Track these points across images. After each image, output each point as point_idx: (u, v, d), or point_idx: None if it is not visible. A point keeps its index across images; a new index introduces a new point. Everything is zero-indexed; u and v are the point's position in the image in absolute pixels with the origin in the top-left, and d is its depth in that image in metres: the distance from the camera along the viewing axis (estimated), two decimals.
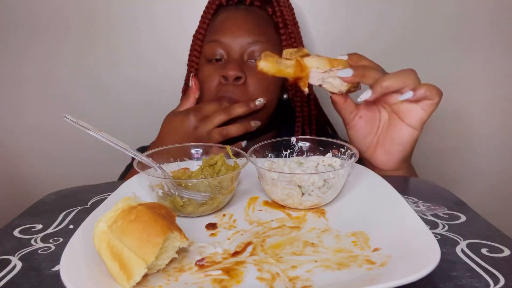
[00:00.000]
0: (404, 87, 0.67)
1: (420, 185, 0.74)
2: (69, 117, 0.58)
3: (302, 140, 0.70)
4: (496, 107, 1.26)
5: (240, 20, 0.94)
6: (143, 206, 0.45)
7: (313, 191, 0.58)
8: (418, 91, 0.66)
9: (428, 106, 0.69)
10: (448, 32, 1.20)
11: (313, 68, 0.67)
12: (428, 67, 1.22)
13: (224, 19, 0.96)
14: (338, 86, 0.70)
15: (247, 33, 0.92)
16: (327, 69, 0.67)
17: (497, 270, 0.44)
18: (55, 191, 0.70)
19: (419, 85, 0.67)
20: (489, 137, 1.28)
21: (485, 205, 0.84)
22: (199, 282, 0.43)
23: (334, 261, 0.46)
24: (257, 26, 0.94)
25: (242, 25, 0.93)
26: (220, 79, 0.90)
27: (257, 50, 0.91)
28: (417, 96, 0.67)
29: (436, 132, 1.27)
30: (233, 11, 0.97)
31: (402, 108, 0.71)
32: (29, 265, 0.47)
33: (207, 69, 0.94)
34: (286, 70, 0.67)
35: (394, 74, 0.68)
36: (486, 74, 1.24)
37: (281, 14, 0.97)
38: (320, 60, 0.67)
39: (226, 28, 0.93)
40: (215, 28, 0.96)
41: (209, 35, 0.96)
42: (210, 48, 0.94)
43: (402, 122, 0.72)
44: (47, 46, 1.22)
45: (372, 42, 1.21)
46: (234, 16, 0.95)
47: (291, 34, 0.98)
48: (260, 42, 0.92)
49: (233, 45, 0.92)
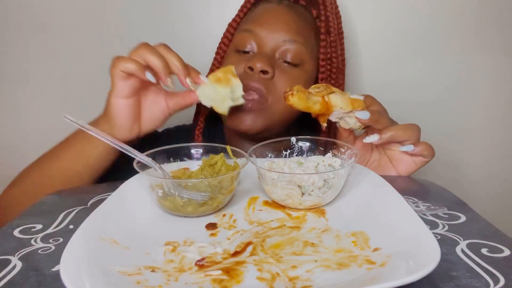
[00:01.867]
0: (407, 140, 0.72)
1: (420, 185, 0.74)
2: (69, 117, 0.58)
3: (302, 140, 0.70)
4: (496, 107, 1.26)
5: (280, 14, 0.87)
6: None
7: (313, 191, 0.59)
8: (418, 148, 0.72)
9: (420, 162, 0.75)
10: (449, 32, 1.21)
11: (337, 108, 0.71)
12: (428, 67, 1.23)
13: (263, 10, 0.90)
14: (352, 124, 0.74)
15: (285, 30, 0.85)
16: (349, 110, 0.71)
17: (497, 270, 0.44)
18: (55, 191, 0.70)
19: (420, 142, 0.73)
20: (489, 137, 1.28)
21: (485, 205, 0.84)
22: (199, 282, 0.43)
23: (334, 261, 0.46)
24: (297, 25, 0.87)
25: (281, 20, 0.86)
26: (245, 69, 0.83)
27: (291, 50, 0.85)
28: (415, 151, 0.72)
29: (436, 132, 1.27)
30: (275, 4, 0.90)
31: (396, 156, 0.76)
32: (29, 265, 0.47)
33: (233, 58, 0.87)
34: (314, 106, 0.70)
35: (402, 127, 0.72)
36: (487, 74, 1.24)
37: (325, 19, 0.90)
38: (343, 100, 0.70)
39: (264, 20, 0.87)
40: (251, 18, 0.90)
41: (244, 24, 0.90)
42: (241, 37, 0.87)
43: (392, 168, 0.77)
44: (47, 45, 1.21)
45: (372, 41, 1.21)
46: (274, 9, 0.88)
47: (332, 43, 0.91)
48: (297, 42, 0.85)
49: (267, 39, 0.85)
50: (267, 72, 0.82)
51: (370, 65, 1.23)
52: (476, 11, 1.18)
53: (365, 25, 1.20)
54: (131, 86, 0.72)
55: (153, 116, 0.78)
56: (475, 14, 1.19)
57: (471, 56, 1.22)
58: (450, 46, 1.21)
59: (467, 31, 1.20)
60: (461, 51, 1.22)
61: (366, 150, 0.80)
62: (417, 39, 1.21)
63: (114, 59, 0.70)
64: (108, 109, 0.74)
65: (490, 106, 1.26)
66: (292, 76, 0.86)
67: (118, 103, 0.73)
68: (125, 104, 0.73)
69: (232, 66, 0.78)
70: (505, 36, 1.20)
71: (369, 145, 0.80)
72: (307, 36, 0.88)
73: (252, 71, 0.83)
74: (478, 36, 1.20)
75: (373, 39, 1.21)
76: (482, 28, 1.20)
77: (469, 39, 1.21)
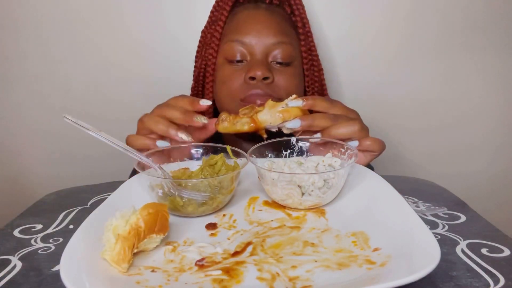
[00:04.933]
0: (351, 138, 0.71)
1: (420, 185, 0.74)
2: (69, 117, 0.58)
3: (302, 140, 0.70)
4: (496, 107, 1.26)
5: (264, 19, 0.90)
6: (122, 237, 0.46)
7: (313, 191, 0.58)
8: (364, 143, 0.71)
9: (370, 155, 0.73)
10: (449, 32, 1.21)
11: (267, 124, 0.72)
12: (428, 67, 1.23)
13: (246, 18, 0.92)
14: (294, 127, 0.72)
15: (272, 34, 0.88)
16: (279, 123, 0.72)
17: (497, 270, 0.44)
18: (55, 191, 0.70)
19: (366, 138, 0.71)
20: (489, 137, 1.28)
21: (485, 205, 0.84)
22: (199, 282, 0.43)
23: (334, 261, 0.46)
24: (280, 26, 0.91)
25: (266, 25, 0.89)
26: (246, 80, 0.86)
27: (281, 52, 0.88)
28: (362, 147, 0.71)
29: (436, 132, 1.27)
30: (253, 9, 0.93)
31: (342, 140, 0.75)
32: (29, 265, 0.47)
33: (228, 69, 0.90)
34: (243, 128, 0.72)
35: (342, 125, 0.71)
36: (486, 74, 1.24)
37: (299, 13, 0.95)
38: (272, 115, 0.72)
39: (250, 27, 0.89)
40: (236, 27, 0.91)
41: (230, 34, 0.91)
42: (231, 48, 0.89)
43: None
44: (47, 45, 1.21)
45: (372, 42, 1.21)
46: (256, 15, 0.91)
47: (308, 33, 0.96)
48: (284, 43, 0.89)
49: (258, 46, 0.88)
50: (268, 78, 0.85)
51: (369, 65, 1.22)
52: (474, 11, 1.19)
53: (367, 25, 1.20)
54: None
55: None
56: (477, 13, 1.19)
57: (469, 56, 1.22)
58: (453, 45, 1.21)
59: (465, 30, 1.20)
60: (461, 51, 1.22)
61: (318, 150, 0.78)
62: (413, 37, 1.21)
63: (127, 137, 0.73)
64: None
65: (489, 105, 1.26)
66: (288, 75, 0.89)
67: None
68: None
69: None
70: (502, 36, 1.20)
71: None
72: (289, 33, 0.92)
73: (253, 80, 0.85)
74: (475, 36, 1.20)
75: (371, 40, 1.21)
76: (479, 28, 1.20)
77: (466, 38, 1.21)
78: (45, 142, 1.28)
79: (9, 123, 1.27)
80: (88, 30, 1.21)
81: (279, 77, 0.88)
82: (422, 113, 1.25)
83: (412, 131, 1.25)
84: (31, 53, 1.22)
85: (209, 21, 0.98)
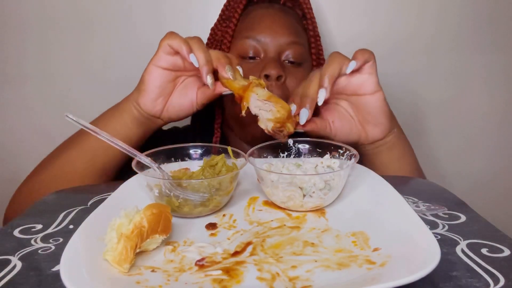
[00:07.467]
0: (342, 67, 0.70)
1: (420, 185, 0.74)
2: (70, 116, 0.58)
3: (299, 142, 0.70)
4: (496, 107, 1.26)
5: (278, 19, 0.92)
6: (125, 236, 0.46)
7: (314, 192, 0.58)
8: (357, 59, 0.70)
9: (370, 68, 0.72)
10: (449, 32, 1.21)
11: (253, 94, 0.71)
12: (429, 67, 1.23)
13: (261, 16, 0.93)
14: (264, 122, 0.71)
15: (287, 33, 0.90)
16: (263, 100, 0.70)
17: (497, 270, 0.44)
18: (55, 191, 0.70)
19: (353, 55, 0.71)
20: (489, 136, 1.28)
21: (485, 205, 0.84)
22: (199, 282, 0.43)
23: (334, 261, 0.46)
24: (294, 27, 0.92)
25: (281, 24, 0.91)
26: (260, 77, 0.85)
27: (294, 52, 0.89)
28: (359, 63, 0.70)
29: (436, 132, 1.27)
30: (268, 8, 0.94)
31: (353, 87, 0.74)
32: (29, 265, 0.47)
33: (243, 66, 0.87)
34: (236, 86, 0.72)
35: (326, 65, 0.70)
36: (487, 74, 1.24)
37: (310, 17, 0.96)
38: (264, 93, 0.71)
39: (265, 25, 0.90)
40: (250, 24, 0.92)
41: (244, 31, 0.92)
42: (245, 44, 0.90)
43: (363, 96, 0.74)
44: (47, 44, 1.21)
45: (375, 45, 1.21)
46: (271, 14, 0.92)
47: (317, 37, 0.97)
48: (298, 43, 0.90)
49: (272, 44, 0.89)
50: (281, 77, 0.86)
51: None
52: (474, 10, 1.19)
53: (368, 26, 1.21)
54: (170, 62, 0.75)
55: (181, 103, 0.79)
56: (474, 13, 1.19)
57: (469, 56, 1.22)
58: (452, 44, 1.21)
59: (465, 30, 1.20)
60: (462, 51, 1.22)
61: (337, 111, 0.77)
62: (414, 37, 1.21)
63: (168, 33, 0.74)
64: (142, 74, 0.77)
65: (489, 105, 1.26)
66: (299, 76, 0.89)
67: (152, 70, 0.76)
68: (159, 73, 0.76)
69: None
70: (503, 36, 1.20)
71: (333, 107, 0.77)
72: (302, 35, 0.94)
73: (267, 79, 0.85)
74: (475, 36, 1.20)
75: (371, 40, 1.21)
76: (479, 28, 1.20)
77: (466, 38, 1.21)
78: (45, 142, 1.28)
79: (9, 123, 1.27)
80: (88, 30, 1.21)
81: (291, 77, 0.88)
82: (422, 113, 1.25)
83: (412, 131, 1.25)
84: (31, 53, 1.22)
85: (219, 19, 0.99)
